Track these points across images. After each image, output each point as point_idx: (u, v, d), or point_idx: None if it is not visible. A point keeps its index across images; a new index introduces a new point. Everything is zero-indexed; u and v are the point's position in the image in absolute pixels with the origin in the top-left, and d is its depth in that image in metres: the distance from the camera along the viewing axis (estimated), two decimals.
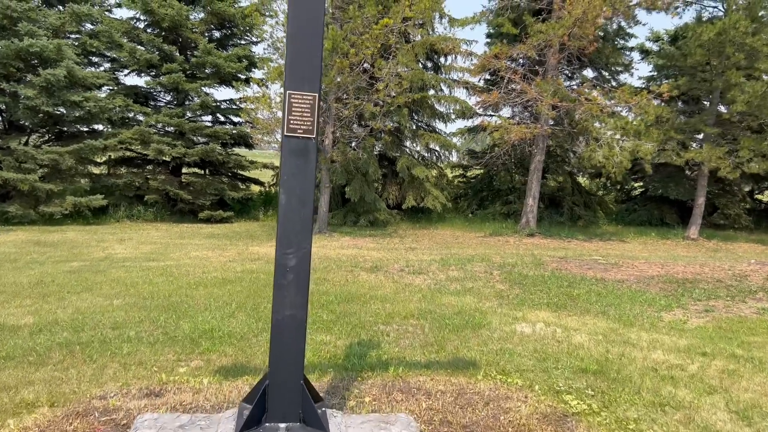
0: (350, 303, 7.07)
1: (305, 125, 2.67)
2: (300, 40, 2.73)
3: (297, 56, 2.73)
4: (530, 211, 16.99)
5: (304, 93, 2.69)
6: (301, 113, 2.66)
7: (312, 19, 2.78)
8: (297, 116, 2.66)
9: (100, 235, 13.97)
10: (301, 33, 2.75)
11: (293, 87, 2.68)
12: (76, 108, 15.68)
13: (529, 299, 7.92)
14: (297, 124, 2.67)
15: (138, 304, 6.84)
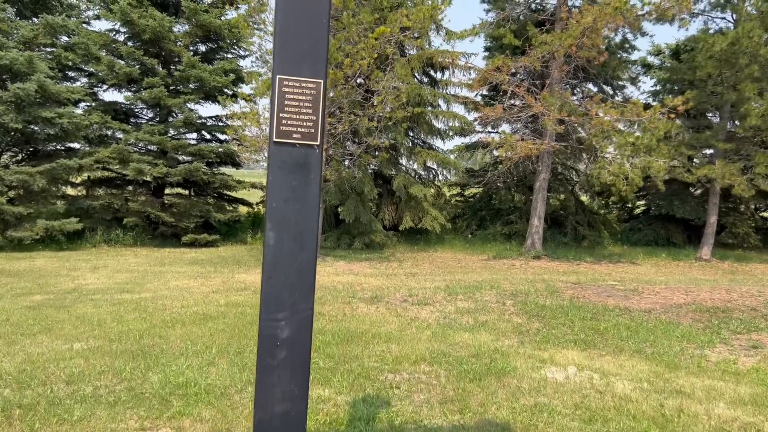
0: (350, 344, 6.22)
1: (305, 127, 1.91)
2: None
3: (292, 24, 1.96)
4: (535, 232, 16.24)
5: (304, 79, 1.92)
6: (297, 109, 1.91)
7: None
8: (292, 113, 1.90)
9: (72, 263, 13.05)
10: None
11: (286, 69, 1.90)
12: (48, 125, 14.82)
13: (553, 335, 7.10)
14: (292, 125, 1.91)
15: (103, 348, 5.96)
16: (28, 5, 16.71)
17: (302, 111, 2.00)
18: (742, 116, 15.70)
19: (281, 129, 1.99)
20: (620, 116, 12.82)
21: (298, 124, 1.99)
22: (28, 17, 16.78)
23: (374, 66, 12.18)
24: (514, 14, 17.29)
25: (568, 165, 21.97)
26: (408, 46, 17.77)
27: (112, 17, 16.13)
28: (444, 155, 20.11)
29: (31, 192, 15.27)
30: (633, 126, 15.06)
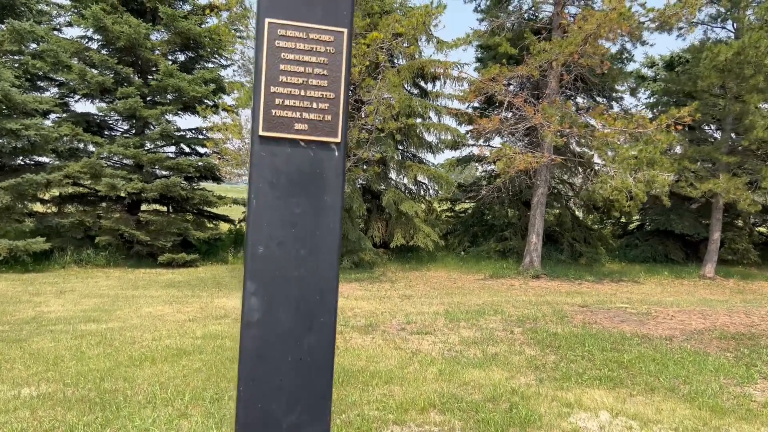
0: (346, 386, 5.47)
1: (316, 111, 1.23)
2: None
3: None
4: (534, 250, 15.61)
5: (314, 25, 1.24)
6: (303, 78, 1.23)
7: None
8: (294, 85, 1.22)
9: (36, 286, 12.14)
10: None
11: (282, 7, 1.19)
12: (14, 137, 13.93)
13: (573, 371, 6.40)
14: (293, 109, 1.24)
15: (56, 395, 5.15)
16: None
17: (311, 83, 1.31)
18: (747, 128, 15.28)
19: (273, 115, 1.29)
20: (625, 128, 12.27)
21: (303, 106, 1.30)
22: None
23: (365, 74, 11.52)
24: (508, 23, 16.79)
25: (563, 179, 21.45)
26: (398, 56, 17.18)
27: (84, 23, 15.34)
28: (435, 169, 19.47)
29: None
30: (634, 139, 14.55)
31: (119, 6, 15.86)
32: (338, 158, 1.34)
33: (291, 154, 1.34)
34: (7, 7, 15.86)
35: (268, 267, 1.31)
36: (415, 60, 16.48)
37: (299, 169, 1.34)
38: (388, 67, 12.97)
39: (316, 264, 1.29)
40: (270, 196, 1.32)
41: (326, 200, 1.31)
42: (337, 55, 1.40)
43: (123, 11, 15.78)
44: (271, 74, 1.38)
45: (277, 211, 1.34)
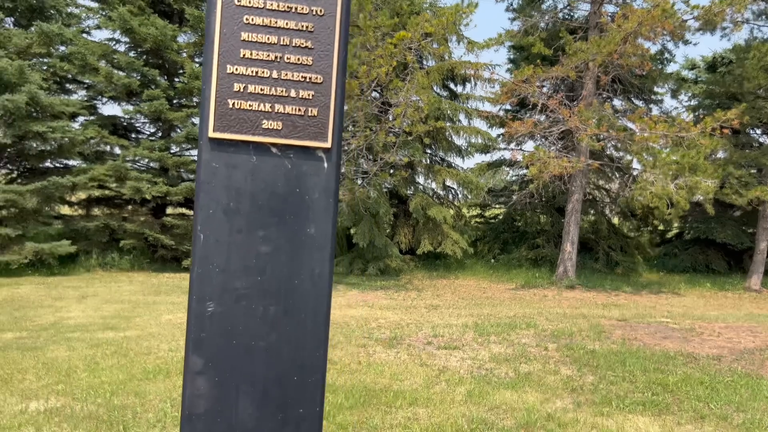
0: (368, 407, 5.16)
1: (295, 102, 0.93)
2: None
3: None
4: (568, 259, 15.10)
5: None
6: (277, 54, 0.93)
7: None
8: (262, 63, 0.91)
9: (59, 290, 12.13)
10: None
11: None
12: (41, 140, 14.01)
13: (613, 394, 5.97)
14: (260, 98, 0.93)
15: (64, 410, 4.95)
16: (24, 14, 16.04)
17: (288, 59, 0.99)
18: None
19: (230, 107, 0.98)
20: (667, 131, 11.73)
21: (276, 94, 0.98)
22: (24, 26, 16.10)
23: (393, 75, 11.24)
24: (542, 23, 16.35)
25: (599, 185, 20.85)
26: (427, 57, 16.87)
27: (111, 26, 15.41)
28: (465, 174, 19.08)
29: (24, 212, 14.44)
30: (675, 143, 13.96)
31: (146, 8, 15.90)
32: (328, 171, 1.00)
33: (257, 166, 0.99)
34: (37, 9, 16.02)
35: (221, 333, 0.97)
36: (444, 61, 16.15)
37: (269, 187, 1.00)
38: (417, 68, 12.67)
39: (295, 328, 0.94)
40: (225, 228, 0.99)
41: (310, 232, 0.97)
42: (328, 18, 1.05)
43: (150, 13, 15.81)
44: (227, 46, 1.04)
45: (235, 250, 1.00)
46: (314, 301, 1.01)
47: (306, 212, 1.02)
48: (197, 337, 0.98)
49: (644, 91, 18.37)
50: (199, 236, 1.01)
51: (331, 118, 1.06)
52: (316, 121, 1.05)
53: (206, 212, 1.01)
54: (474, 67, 16.44)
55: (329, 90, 1.06)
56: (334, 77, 1.06)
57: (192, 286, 1.01)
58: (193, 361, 0.99)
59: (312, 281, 1.01)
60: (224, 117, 1.05)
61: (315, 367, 1.01)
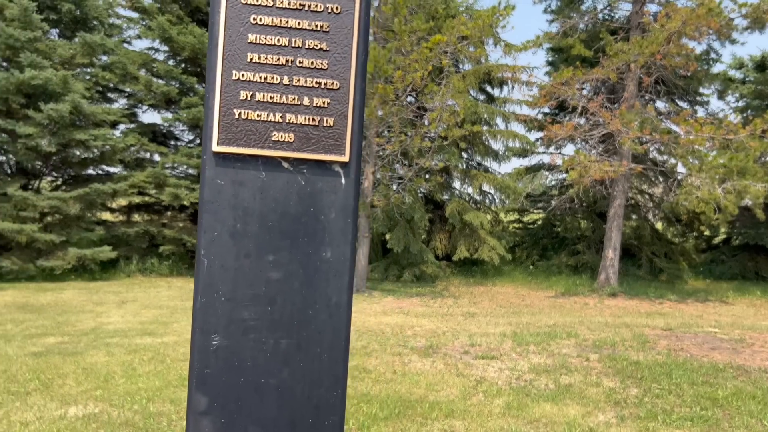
0: (402, 418, 5.07)
1: (308, 111, 0.87)
2: None
3: None
4: (610, 266, 14.74)
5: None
6: (288, 57, 0.85)
7: None
8: (270, 68, 0.85)
9: (101, 295, 12.40)
10: None
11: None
12: (83, 148, 14.38)
13: (659, 408, 5.74)
14: (268, 107, 0.86)
15: (101, 416, 5.01)
16: (69, 25, 16.52)
17: (301, 63, 0.91)
18: None
19: (236, 117, 0.91)
20: (713, 134, 11.33)
21: (288, 102, 0.90)
22: (69, 37, 16.58)
23: (428, 80, 11.15)
24: (581, 24, 16.05)
25: (641, 189, 20.32)
26: (463, 60, 16.73)
27: (151, 35, 15.75)
28: (502, 178, 18.84)
29: (67, 218, 14.84)
30: (722, 146, 13.48)
31: (184, 17, 16.19)
32: (346, 188, 0.91)
33: (267, 183, 0.91)
34: (80, 21, 16.47)
35: (228, 370, 0.89)
36: (481, 64, 15.99)
37: (280, 206, 0.91)
38: (453, 72, 12.56)
39: (309, 364, 0.86)
40: (232, 252, 0.91)
41: (326, 257, 0.88)
42: (345, 16, 0.96)
43: (188, 22, 16.10)
44: (232, 50, 0.96)
45: (243, 276, 0.91)
46: (331, 334, 0.93)
47: (321, 234, 0.93)
48: (201, 374, 0.91)
49: (689, 93, 17.83)
50: (202, 261, 0.93)
51: (349, 129, 0.97)
52: (332, 131, 0.95)
53: (211, 235, 0.94)
54: (511, 69, 16.25)
55: (347, 97, 0.97)
56: (353, 82, 0.98)
57: (195, 316, 0.94)
58: (197, 400, 0.92)
59: (328, 312, 0.93)
60: (230, 129, 0.98)
61: (332, 408, 0.92)
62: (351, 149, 0.97)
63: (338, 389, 0.93)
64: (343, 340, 0.94)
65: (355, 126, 0.97)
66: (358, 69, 0.97)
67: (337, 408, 0.93)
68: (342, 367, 0.93)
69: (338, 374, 0.93)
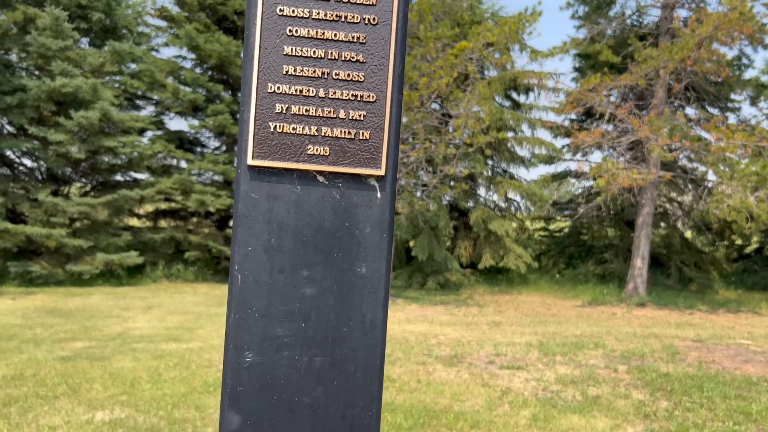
0: (426, 429, 5.04)
1: (344, 124, 0.84)
2: None
3: None
4: (638, 275, 14.50)
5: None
6: (322, 70, 0.84)
7: None
8: (306, 81, 0.83)
9: (128, 301, 12.56)
10: None
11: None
12: (112, 155, 14.64)
13: (690, 422, 5.61)
14: (304, 119, 0.84)
15: (127, 421, 5.06)
16: (99, 34, 16.87)
17: (337, 75, 0.91)
18: None
19: (271, 131, 0.89)
20: (746, 141, 11.10)
21: (323, 115, 0.89)
22: (99, 46, 16.93)
23: (453, 86, 11.12)
24: (609, 30, 15.89)
25: (670, 197, 19.98)
26: (488, 66, 16.67)
27: (179, 43, 16.00)
28: (528, 186, 18.67)
29: (95, 224, 15.10)
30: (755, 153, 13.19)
31: (211, 25, 16.42)
32: (382, 202, 0.90)
33: (301, 197, 0.90)
34: (110, 30, 16.81)
35: (261, 388, 0.88)
36: (507, 71, 15.91)
37: (315, 221, 0.91)
38: (478, 78, 12.51)
39: (344, 383, 0.85)
40: (266, 267, 0.90)
41: (361, 272, 0.87)
42: (383, 28, 0.96)
43: (215, 30, 16.31)
44: (268, 62, 0.95)
45: (276, 292, 0.90)
46: (366, 351, 0.91)
47: (356, 249, 0.92)
48: (234, 391, 0.91)
49: (720, 99, 17.51)
50: (236, 276, 0.93)
51: (386, 142, 0.96)
52: (368, 145, 0.95)
53: (245, 249, 0.93)
54: (538, 76, 16.14)
55: (383, 110, 0.96)
56: (389, 95, 0.97)
57: (228, 333, 0.93)
58: (229, 419, 0.91)
59: (363, 329, 0.92)
60: (265, 142, 0.97)
61: (367, 428, 0.91)
62: (387, 162, 0.96)
63: (373, 409, 0.91)
64: (378, 359, 0.92)
65: (392, 139, 0.96)
66: (394, 81, 0.97)
67: (372, 428, 0.92)
68: (377, 386, 0.92)
69: (373, 393, 0.92)
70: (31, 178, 16.19)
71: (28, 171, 16.48)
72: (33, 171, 16.49)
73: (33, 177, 16.23)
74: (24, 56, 14.87)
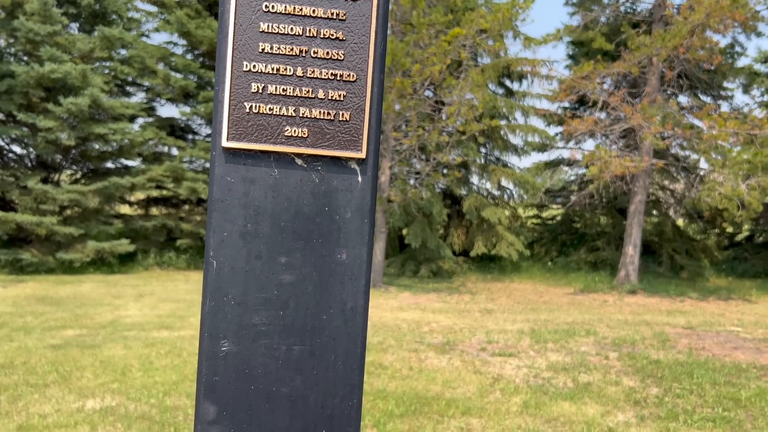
0: (419, 416, 5.05)
1: (322, 104, 0.82)
2: None
3: None
4: (630, 262, 14.57)
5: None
6: (301, 47, 0.81)
7: None
8: (283, 59, 0.81)
9: (119, 288, 12.52)
10: None
11: None
12: (102, 141, 14.51)
13: (680, 408, 5.66)
14: (281, 99, 0.82)
15: (118, 409, 5.05)
16: (88, 19, 16.66)
17: (315, 53, 0.89)
18: None
19: (247, 111, 0.87)
20: (738, 129, 11.12)
21: (301, 95, 0.86)
22: (88, 31, 16.72)
23: (446, 73, 11.07)
24: (603, 17, 15.83)
25: (662, 185, 20.05)
26: (482, 53, 16.60)
27: (169, 29, 15.82)
28: (521, 173, 18.67)
29: (86, 212, 15.00)
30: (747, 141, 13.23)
31: (203, 11, 16.25)
32: (363, 186, 0.87)
33: (279, 181, 0.87)
34: (99, 15, 16.60)
35: (237, 377, 0.86)
36: (500, 58, 15.85)
37: (293, 205, 0.88)
38: (471, 65, 12.46)
39: (323, 372, 0.82)
40: (242, 253, 0.87)
41: (341, 259, 0.85)
42: (363, 4, 0.93)
43: (206, 16, 16.15)
44: (243, 39, 0.92)
45: (253, 279, 0.88)
46: (346, 340, 0.89)
47: (336, 235, 0.90)
48: (210, 381, 0.89)
49: (713, 87, 17.52)
50: (211, 263, 0.90)
51: (366, 123, 0.93)
52: (348, 126, 0.92)
53: (220, 235, 0.91)
54: (531, 63, 16.09)
55: (364, 89, 0.93)
56: (370, 74, 0.94)
57: (203, 321, 0.91)
58: (204, 409, 0.89)
59: (343, 317, 0.90)
60: (240, 123, 0.94)
61: (347, 418, 0.89)
62: (368, 145, 0.93)
63: (354, 398, 0.89)
64: (359, 347, 0.90)
65: (373, 120, 0.94)
66: (376, 60, 0.94)
67: (353, 418, 0.90)
68: (358, 375, 0.90)
69: (354, 383, 0.90)
70: (20, 165, 16.05)
71: (18, 158, 16.33)
72: (22, 158, 16.35)
73: (22, 164, 16.08)
74: (12, 42, 14.68)
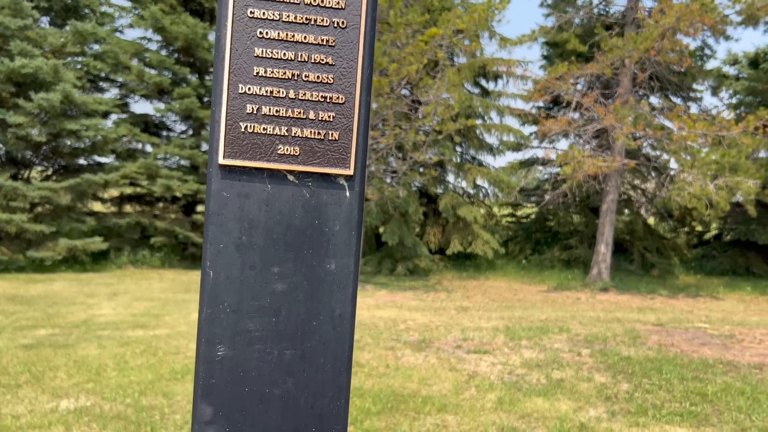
0: (395, 413, 5.11)
1: (314, 125, 0.87)
2: None
3: None
4: (602, 260, 14.82)
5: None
6: (293, 71, 0.87)
7: None
8: (277, 82, 0.86)
9: (92, 287, 12.35)
10: None
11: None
12: (74, 138, 14.29)
13: (650, 403, 5.81)
14: (274, 120, 0.87)
15: (93, 410, 5.01)
16: (60, 13, 16.38)
17: (307, 77, 0.94)
18: None
19: (242, 131, 0.91)
20: (706, 130, 11.40)
21: (293, 116, 0.91)
22: (60, 26, 16.44)
23: (423, 73, 11.14)
24: (577, 18, 16.06)
25: (634, 185, 20.42)
26: (458, 53, 16.72)
27: (143, 24, 15.64)
28: (496, 172, 18.87)
29: (58, 209, 14.76)
30: (715, 142, 13.56)
31: (177, 6, 16.08)
32: (351, 201, 0.92)
33: (272, 196, 0.93)
34: (71, 9, 16.34)
35: (233, 380, 0.91)
36: (476, 58, 15.98)
37: (285, 219, 0.93)
38: (448, 65, 12.55)
39: (313, 375, 0.87)
40: (237, 264, 0.92)
41: (330, 269, 0.90)
42: (351, 31, 0.99)
43: (181, 11, 15.99)
44: (239, 63, 0.98)
45: (248, 288, 0.93)
46: (335, 344, 0.95)
47: (326, 246, 0.95)
48: (206, 384, 0.93)
49: (683, 89, 17.91)
50: (208, 273, 0.95)
51: (354, 142, 0.98)
52: (337, 145, 0.97)
53: (216, 247, 0.95)
54: (506, 63, 16.26)
55: (352, 111, 0.99)
56: (358, 97, 0.99)
57: (201, 327, 0.96)
58: (201, 410, 0.94)
59: (332, 323, 0.95)
60: (236, 142, 0.99)
61: (336, 418, 0.94)
62: (355, 163, 0.99)
63: (341, 399, 0.94)
64: (347, 351, 0.96)
65: (360, 139, 0.99)
66: (363, 83, 0.99)
67: (341, 418, 0.95)
68: (345, 377, 0.95)
69: (342, 384, 0.95)
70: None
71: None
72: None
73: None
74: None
